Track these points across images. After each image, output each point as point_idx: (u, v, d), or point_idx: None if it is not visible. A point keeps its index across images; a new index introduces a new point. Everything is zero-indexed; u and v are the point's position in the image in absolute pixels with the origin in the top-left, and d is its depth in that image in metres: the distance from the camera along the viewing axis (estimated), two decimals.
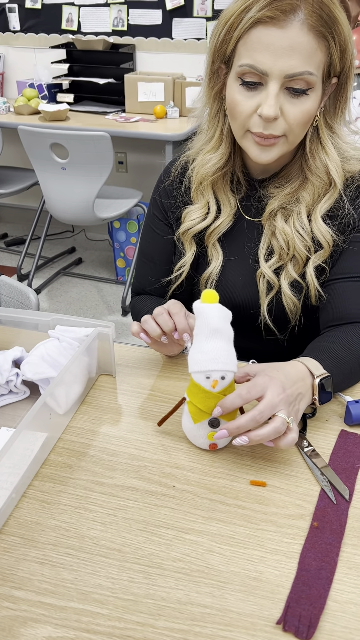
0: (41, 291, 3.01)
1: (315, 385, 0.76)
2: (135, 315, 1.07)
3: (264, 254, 0.95)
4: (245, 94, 0.81)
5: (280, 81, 0.78)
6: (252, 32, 0.76)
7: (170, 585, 0.58)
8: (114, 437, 0.79)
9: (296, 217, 0.91)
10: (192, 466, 0.73)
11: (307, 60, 0.76)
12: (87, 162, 2.41)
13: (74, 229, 3.69)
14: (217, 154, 0.92)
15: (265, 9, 0.74)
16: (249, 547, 0.62)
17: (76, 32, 3.16)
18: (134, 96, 2.90)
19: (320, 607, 0.56)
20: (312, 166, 0.89)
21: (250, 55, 0.77)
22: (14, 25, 3.26)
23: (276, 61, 0.76)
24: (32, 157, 2.53)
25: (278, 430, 0.68)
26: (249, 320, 0.99)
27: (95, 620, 0.55)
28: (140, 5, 2.98)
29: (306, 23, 0.74)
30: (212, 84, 0.88)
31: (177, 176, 1.01)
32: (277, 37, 0.75)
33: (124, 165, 3.42)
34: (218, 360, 0.68)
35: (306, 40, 0.75)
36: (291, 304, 0.94)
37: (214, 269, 0.98)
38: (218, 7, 2.85)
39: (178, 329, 0.80)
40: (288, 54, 0.75)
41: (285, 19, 0.74)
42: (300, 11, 0.74)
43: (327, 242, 0.90)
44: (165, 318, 0.82)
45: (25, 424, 0.66)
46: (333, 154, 0.88)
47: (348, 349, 0.84)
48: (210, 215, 0.96)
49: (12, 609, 0.56)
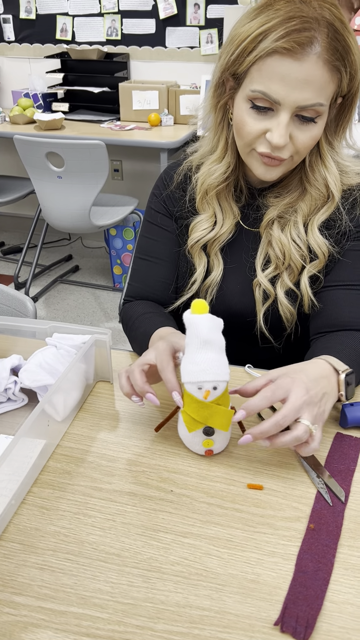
0: (38, 299, 3.02)
1: (342, 380, 0.77)
2: (127, 329, 1.01)
3: (261, 263, 0.95)
4: (254, 117, 0.81)
5: (291, 110, 0.78)
6: (268, 60, 0.76)
7: (169, 588, 0.59)
8: (112, 443, 0.79)
9: (293, 227, 0.92)
10: (189, 471, 0.74)
11: (319, 92, 0.77)
12: (82, 170, 2.42)
13: (70, 236, 3.71)
14: (222, 165, 0.92)
15: (282, 40, 0.73)
16: (246, 550, 0.63)
17: (70, 42, 3.19)
18: (129, 104, 2.92)
19: (317, 608, 0.57)
20: (311, 179, 0.90)
21: (264, 83, 0.77)
22: (8, 36, 3.28)
23: (290, 92, 0.76)
24: (28, 166, 2.54)
25: (299, 438, 0.68)
26: (246, 328, 1.00)
27: (95, 625, 0.55)
28: (134, 14, 3.01)
29: (322, 57, 0.74)
30: (217, 94, 0.87)
31: (180, 182, 1.01)
32: (293, 69, 0.75)
33: (119, 173, 3.44)
34: (209, 371, 0.69)
35: (320, 74, 0.75)
36: (287, 313, 0.95)
37: (214, 277, 0.98)
38: (211, 16, 2.88)
39: (167, 387, 0.73)
40: (302, 86, 0.76)
41: (302, 51, 0.74)
42: (317, 43, 0.74)
43: (323, 253, 0.92)
44: (140, 382, 0.75)
45: (24, 431, 0.67)
46: (332, 168, 0.89)
47: (355, 349, 0.85)
48: (218, 225, 0.96)
49: (13, 615, 0.56)
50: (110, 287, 3.14)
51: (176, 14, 2.92)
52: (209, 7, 2.87)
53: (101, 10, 3.05)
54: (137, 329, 0.95)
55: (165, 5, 2.93)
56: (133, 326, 0.98)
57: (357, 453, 0.77)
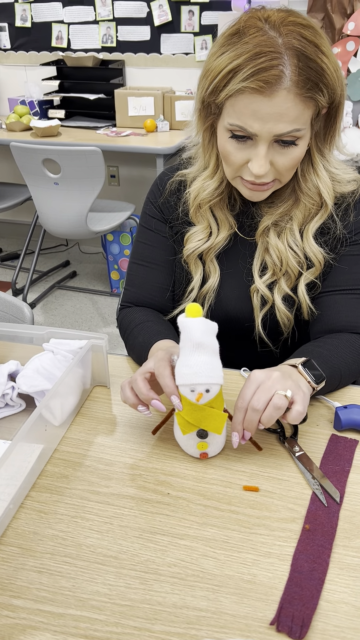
0: (36, 305, 3.03)
1: (301, 370, 0.79)
2: (125, 336, 1.02)
3: (258, 269, 0.96)
4: (235, 146, 0.83)
5: (269, 140, 0.80)
6: (239, 97, 0.77)
7: (166, 590, 0.60)
8: (109, 447, 0.80)
9: (289, 234, 0.93)
10: (186, 473, 0.75)
11: (294, 121, 0.77)
12: (79, 176, 2.44)
13: (67, 242, 3.72)
14: (214, 181, 0.93)
15: (250, 80, 0.74)
16: (242, 551, 0.64)
17: (66, 50, 3.21)
18: (125, 111, 2.94)
19: (312, 607, 0.57)
20: (304, 188, 0.91)
21: (239, 118, 0.78)
22: (4, 44, 3.30)
23: (264, 125, 0.77)
24: (25, 173, 2.56)
25: (277, 405, 0.71)
26: (244, 333, 1.01)
27: (93, 626, 0.56)
28: (129, 22, 3.03)
29: (292, 91, 0.75)
30: (202, 117, 0.88)
31: (173, 191, 1.01)
32: (264, 106, 0.76)
33: (116, 179, 3.45)
34: (202, 373, 0.70)
35: (292, 105, 0.76)
36: (285, 318, 0.97)
37: (212, 284, 0.99)
38: (205, 22, 2.90)
39: (165, 392, 0.74)
40: (275, 119, 0.77)
41: (270, 89, 0.74)
42: (286, 78, 0.74)
43: (319, 261, 0.93)
44: (142, 388, 0.76)
45: (22, 436, 0.68)
46: (324, 176, 0.90)
47: (332, 350, 0.87)
48: (213, 235, 0.97)
49: (12, 617, 0.57)
50: (108, 292, 3.15)
51: (171, 20, 2.95)
52: (203, 13, 2.89)
53: (96, 17, 3.07)
54: (136, 338, 0.96)
55: (159, 12, 2.95)
56: (131, 334, 0.98)
57: (352, 454, 0.78)
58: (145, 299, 1.04)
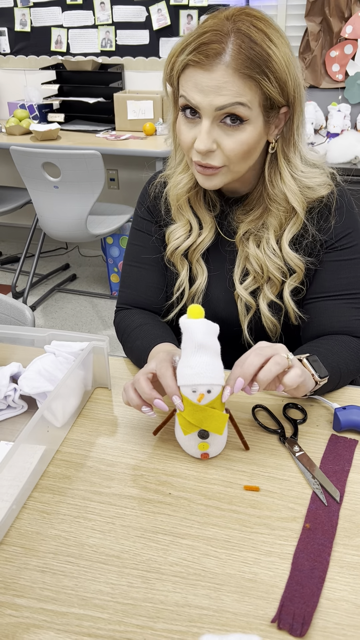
0: (36, 308, 3.03)
1: (306, 363, 0.82)
2: (123, 339, 1.02)
3: (239, 276, 0.97)
4: (187, 125, 0.85)
5: (211, 115, 0.81)
6: (186, 71, 0.81)
7: (168, 588, 0.60)
8: (111, 447, 0.81)
9: (266, 244, 0.94)
10: (187, 474, 0.75)
11: (235, 95, 0.79)
12: (79, 180, 2.45)
13: (67, 245, 3.73)
14: (187, 175, 0.95)
15: (192, 54, 0.79)
16: (243, 550, 0.64)
17: (65, 54, 3.22)
18: (124, 114, 2.95)
19: (313, 605, 0.58)
20: (271, 194, 0.91)
21: (185, 91, 0.82)
22: (4, 48, 3.32)
23: (205, 97, 0.80)
24: (25, 177, 2.57)
25: (278, 362, 0.73)
26: (233, 337, 1.01)
27: (96, 625, 0.57)
28: (128, 26, 3.04)
29: (231, 66, 0.77)
30: (172, 109, 0.91)
31: (157, 193, 1.03)
32: (204, 78, 0.79)
33: (115, 182, 3.46)
34: (203, 374, 0.70)
35: (232, 80, 0.78)
36: (270, 324, 0.98)
37: (199, 284, 1.00)
38: None
39: (167, 392, 0.74)
40: (215, 92, 0.79)
41: (209, 62, 0.78)
42: (226, 54, 0.77)
43: (299, 267, 0.94)
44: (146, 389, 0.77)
45: (24, 438, 0.68)
46: (290, 183, 0.90)
47: (330, 350, 0.89)
48: (194, 232, 0.98)
49: (15, 616, 0.58)
50: (108, 295, 3.15)
51: (169, 24, 2.96)
52: (201, 17, 2.89)
53: (95, 22, 3.09)
54: (134, 341, 0.97)
55: (158, 16, 2.96)
56: (130, 338, 0.99)
57: (352, 454, 0.79)
58: (140, 300, 1.05)
